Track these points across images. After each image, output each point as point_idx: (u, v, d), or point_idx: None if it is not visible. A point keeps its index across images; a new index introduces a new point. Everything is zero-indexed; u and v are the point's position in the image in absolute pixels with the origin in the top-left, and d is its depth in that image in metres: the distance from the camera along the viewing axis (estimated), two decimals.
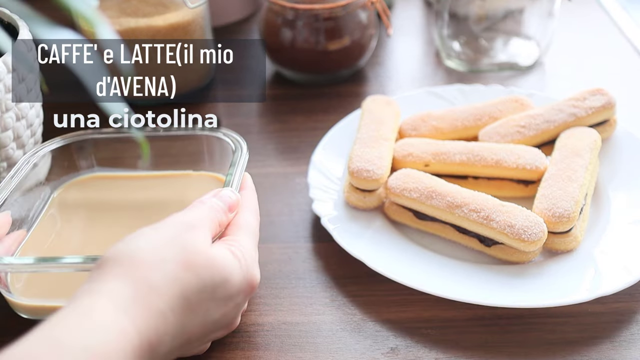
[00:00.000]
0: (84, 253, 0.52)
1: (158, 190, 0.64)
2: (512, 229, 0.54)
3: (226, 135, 0.61)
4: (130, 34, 0.73)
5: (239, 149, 0.59)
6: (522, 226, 0.54)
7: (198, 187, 0.63)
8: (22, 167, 0.58)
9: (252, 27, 0.96)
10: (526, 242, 0.53)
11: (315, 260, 0.59)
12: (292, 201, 0.65)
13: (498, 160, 0.61)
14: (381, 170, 0.60)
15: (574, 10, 0.96)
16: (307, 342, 0.52)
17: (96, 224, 0.60)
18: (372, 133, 0.63)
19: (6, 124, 0.60)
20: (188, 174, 0.65)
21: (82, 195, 0.63)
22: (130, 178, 0.65)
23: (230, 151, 0.61)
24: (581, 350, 0.50)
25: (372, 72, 0.86)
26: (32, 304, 0.51)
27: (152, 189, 0.64)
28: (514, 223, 0.54)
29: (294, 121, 0.73)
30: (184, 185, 0.64)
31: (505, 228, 0.54)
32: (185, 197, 0.62)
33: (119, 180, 0.64)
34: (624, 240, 0.56)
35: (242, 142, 0.60)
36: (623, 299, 0.54)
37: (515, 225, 0.54)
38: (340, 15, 0.77)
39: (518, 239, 0.53)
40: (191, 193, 0.62)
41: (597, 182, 0.63)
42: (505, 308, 0.53)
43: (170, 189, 0.64)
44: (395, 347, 0.51)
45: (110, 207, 0.62)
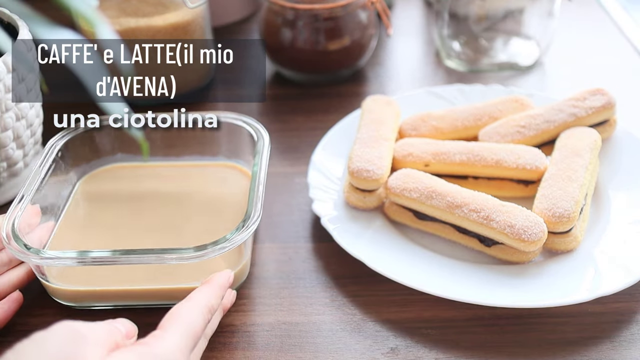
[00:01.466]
0: (113, 243, 0.55)
1: (180, 180, 0.65)
2: (512, 229, 0.54)
3: (247, 124, 0.62)
4: (130, 34, 0.73)
5: (260, 138, 0.60)
6: (522, 226, 0.54)
7: (219, 177, 0.64)
8: (48, 155, 0.59)
9: (252, 27, 0.96)
10: (526, 242, 0.53)
11: (315, 260, 0.59)
12: (292, 201, 0.65)
13: (498, 160, 0.61)
14: (381, 170, 0.60)
15: (574, 10, 0.96)
16: (307, 342, 0.52)
17: (122, 213, 0.61)
18: (372, 133, 0.63)
19: (6, 124, 0.60)
20: (209, 164, 0.66)
21: (107, 184, 0.64)
22: (152, 167, 0.66)
23: (246, 139, 0.62)
24: (581, 350, 0.50)
25: (372, 72, 0.86)
26: (70, 289, 0.52)
27: (174, 178, 0.65)
28: (514, 223, 0.54)
29: (294, 121, 0.73)
30: (205, 174, 0.65)
31: (505, 228, 0.54)
32: (207, 186, 0.64)
33: (142, 169, 0.66)
34: (624, 240, 0.56)
35: (264, 130, 0.60)
36: (623, 299, 0.54)
37: (516, 225, 0.54)
38: (340, 15, 0.77)
39: (518, 239, 0.53)
40: (212, 183, 0.64)
41: (597, 182, 0.63)
42: (505, 308, 0.53)
43: (191, 178, 0.65)
44: (395, 347, 0.51)
45: (133, 197, 0.63)
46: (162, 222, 0.60)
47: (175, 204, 0.62)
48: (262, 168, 0.56)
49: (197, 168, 0.66)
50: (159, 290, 0.53)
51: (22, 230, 0.52)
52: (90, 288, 0.52)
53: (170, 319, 0.42)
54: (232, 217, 0.59)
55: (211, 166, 0.66)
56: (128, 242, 0.54)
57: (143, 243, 0.55)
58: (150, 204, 0.62)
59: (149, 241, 0.57)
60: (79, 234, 0.58)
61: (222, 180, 0.64)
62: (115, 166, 0.65)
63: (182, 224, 0.59)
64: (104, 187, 0.63)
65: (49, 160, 0.59)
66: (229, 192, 0.63)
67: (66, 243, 0.57)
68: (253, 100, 0.80)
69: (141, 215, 0.60)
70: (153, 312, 0.52)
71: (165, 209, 0.61)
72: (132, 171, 0.65)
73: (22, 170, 0.66)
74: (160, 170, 0.66)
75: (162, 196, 0.63)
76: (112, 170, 0.65)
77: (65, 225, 0.59)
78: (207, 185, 0.64)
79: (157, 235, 0.58)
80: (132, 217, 0.60)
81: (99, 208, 0.61)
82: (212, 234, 0.52)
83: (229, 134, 0.64)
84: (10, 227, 0.51)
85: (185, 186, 0.64)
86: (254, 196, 0.53)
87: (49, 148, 0.60)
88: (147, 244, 0.55)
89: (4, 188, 0.65)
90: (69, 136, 0.62)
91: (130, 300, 0.53)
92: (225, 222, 0.59)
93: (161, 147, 0.66)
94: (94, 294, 0.53)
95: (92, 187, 0.63)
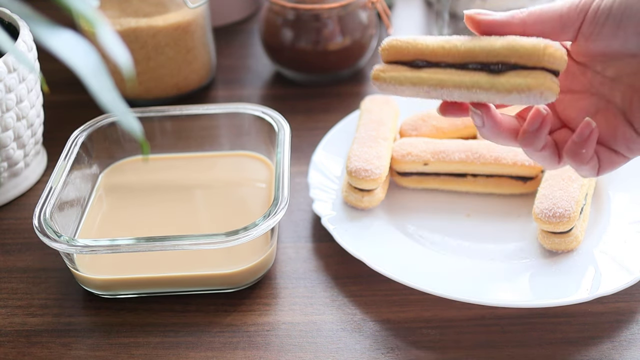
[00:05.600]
0: (140, 233, 0.57)
1: (201, 170, 0.66)
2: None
3: (267, 115, 0.63)
4: (130, 34, 0.73)
5: (281, 128, 0.61)
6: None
7: (240, 167, 0.66)
8: (72, 148, 0.60)
9: (252, 27, 0.96)
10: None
11: (315, 260, 0.59)
12: (292, 201, 0.65)
13: (496, 157, 0.61)
14: (379, 170, 0.60)
15: None
16: (307, 342, 0.52)
17: (146, 204, 0.62)
18: (371, 132, 0.63)
19: (7, 124, 0.61)
20: (229, 154, 0.67)
21: (129, 176, 0.66)
22: (172, 159, 0.67)
23: (266, 129, 0.63)
24: (581, 350, 0.50)
25: None
26: (99, 277, 0.54)
27: (195, 169, 0.66)
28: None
29: (294, 121, 0.73)
30: (226, 164, 0.67)
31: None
32: (228, 176, 0.66)
33: (162, 162, 0.67)
34: (624, 240, 0.56)
35: (284, 121, 0.61)
36: (623, 299, 0.54)
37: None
38: (340, 15, 0.77)
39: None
40: (233, 173, 0.66)
41: (597, 182, 0.63)
42: (505, 308, 0.53)
43: (212, 168, 0.67)
44: (395, 347, 0.51)
45: (156, 188, 0.64)
46: (185, 212, 0.61)
47: (197, 194, 0.64)
48: (285, 156, 0.57)
49: (217, 158, 0.67)
50: (186, 277, 0.54)
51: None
52: (119, 276, 0.54)
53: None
54: (254, 205, 0.61)
55: (232, 156, 0.67)
56: (154, 232, 0.55)
57: (168, 232, 0.56)
58: (172, 194, 0.63)
59: (174, 230, 0.58)
60: (106, 225, 0.60)
61: (243, 169, 0.66)
62: (136, 158, 0.67)
63: (205, 213, 0.61)
64: (127, 179, 0.65)
65: (73, 152, 0.60)
66: (251, 182, 0.65)
67: (95, 234, 0.59)
68: (253, 101, 0.80)
69: (164, 206, 0.62)
70: (179, 300, 0.55)
71: (187, 198, 0.63)
72: (153, 163, 0.67)
73: (23, 170, 0.66)
74: (180, 162, 0.67)
75: (183, 187, 0.64)
76: (134, 162, 0.67)
77: (92, 216, 0.60)
78: (228, 175, 0.66)
79: (181, 225, 0.59)
80: (155, 207, 0.62)
81: (123, 199, 0.63)
82: (237, 222, 0.54)
83: (249, 124, 0.65)
84: (43, 217, 0.52)
85: (206, 176, 0.66)
86: (280, 183, 0.54)
87: (72, 141, 0.61)
88: (173, 232, 0.56)
89: (4, 188, 0.65)
90: (91, 129, 0.63)
91: (158, 288, 0.55)
92: (248, 211, 0.61)
93: (181, 139, 0.67)
94: (123, 282, 0.54)
95: (116, 179, 0.65)
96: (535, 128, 0.42)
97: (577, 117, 0.44)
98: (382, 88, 0.45)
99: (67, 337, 0.53)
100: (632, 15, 0.39)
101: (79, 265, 0.54)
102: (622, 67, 0.42)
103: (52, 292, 0.56)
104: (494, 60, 0.41)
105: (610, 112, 0.43)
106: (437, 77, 0.42)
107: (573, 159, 0.42)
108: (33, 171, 0.68)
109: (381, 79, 0.44)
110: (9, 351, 0.51)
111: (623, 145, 0.42)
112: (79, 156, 0.61)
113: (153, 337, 0.52)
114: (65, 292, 0.56)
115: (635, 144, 0.42)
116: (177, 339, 0.52)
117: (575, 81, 0.44)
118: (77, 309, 0.55)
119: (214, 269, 0.54)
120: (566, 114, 0.45)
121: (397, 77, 0.44)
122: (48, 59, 0.55)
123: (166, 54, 0.75)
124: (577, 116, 0.44)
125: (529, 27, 0.41)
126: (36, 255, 0.60)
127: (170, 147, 0.67)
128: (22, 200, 0.66)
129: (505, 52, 0.40)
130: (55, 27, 0.36)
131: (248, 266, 0.54)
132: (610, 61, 0.42)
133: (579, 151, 0.42)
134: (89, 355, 0.51)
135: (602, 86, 0.43)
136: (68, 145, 0.61)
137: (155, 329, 0.53)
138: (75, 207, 0.59)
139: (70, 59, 0.34)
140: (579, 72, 0.44)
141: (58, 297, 0.56)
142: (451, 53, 0.42)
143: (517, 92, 0.40)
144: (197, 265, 0.55)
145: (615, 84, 0.43)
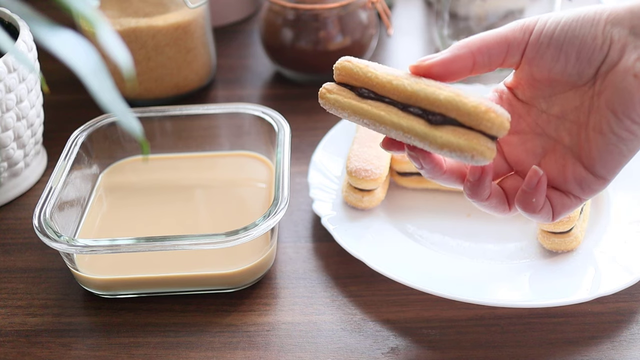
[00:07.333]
0: (140, 233, 0.57)
1: (200, 170, 0.66)
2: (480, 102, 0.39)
3: (267, 114, 0.63)
4: (130, 34, 0.73)
5: (281, 128, 0.61)
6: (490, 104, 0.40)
7: (240, 167, 0.66)
8: (72, 148, 0.60)
9: (252, 27, 0.96)
10: (497, 114, 0.39)
11: (315, 260, 0.59)
12: (292, 201, 0.65)
13: None
14: (379, 170, 0.60)
15: None
16: (307, 342, 0.52)
17: (145, 203, 0.63)
18: (371, 132, 0.63)
19: (7, 124, 0.61)
20: (228, 154, 0.67)
21: (129, 176, 0.66)
22: (172, 159, 0.67)
23: (266, 129, 0.63)
24: (581, 350, 0.50)
25: None
26: (99, 277, 0.54)
27: (194, 169, 0.66)
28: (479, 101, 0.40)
29: (294, 121, 0.73)
30: (225, 165, 0.67)
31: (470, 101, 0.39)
32: (227, 176, 0.66)
33: (162, 161, 0.67)
34: (624, 240, 0.56)
35: (284, 121, 0.61)
36: (623, 299, 0.54)
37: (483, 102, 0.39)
38: (340, 15, 0.77)
39: (488, 110, 0.39)
40: (233, 173, 0.66)
41: None
42: (505, 308, 0.53)
43: (211, 168, 0.67)
44: (395, 347, 0.51)
45: (156, 188, 0.64)
46: (185, 212, 0.61)
47: (197, 194, 0.64)
48: (285, 156, 0.57)
49: (217, 158, 0.67)
50: (186, 277, 0.54)
51: None
52: (119, 276, 0.54)
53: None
54: (254, 205, 0.62)
55: (232, 156, 0.67)
56: (154, 232, 0.55)
57: (169, 232, 0.56)
58: (172, 194, 0.63)
59: (174, 230, 0.58)
60: (106, 225, 0.60)
61: (243, 169, 0.66)
62: (136, 158, 0.67)
63: (205, 213, 0.62)
64: (127, 179, 0.65)
65: (73, 152, 0.60)
66: (251, 182, 0.65)
67: (95, 234, 0.59)
68: (253, 101, 0.80)
69: (164, 206, 0.62)
70: (179, 300, 0.55)
71: (187, 198, 0.63)
72: (153, 163, 0.67)
73: (23, 170, 0.66)
74: (180, 162, 0.67)
75: (183, 187, 0.64)
76: (134, 162, 0.67)
77: (92, 216, 0.61)
78: (228, 175, 0.66)
79: (181, 225, 0.60)
80: (155, 207, 0.62)
81: (123, 199, 0.63)
82: (237, 222, 0.54)
83: (249, 124, 0.65)
84: (43, 217, 0.53)
85: (206, 176, 0.66)
86: (280, 183, 0.54)
87: (72, 141, 0.61)
88: (173, 233, 0.57)
89: (4, 188, 0.65)
90: (91, 129, 0.63)
91: (158, 288, 0.55)
92: (248, 211, 0.61)
93: (181, 139, 0.67)
94: (123, 282, 0.54)
95: (116, 179, 0.65)
96: (476, 178, 0.41)
97: (526, 160, 0.44)
98: (326, 108, 0.44)
99: (67, 337, 0.53)
100: (574, 38, 0.39)
101: (79, 265, 0.54)
102: (565, 103, 0.41)
103: (52, 292, 0.56)
104: (435, 110, 0.40)
105: (558, 152, 0.42)
106: (377, 112, 0.41)
107: (524, 208, 0.42)
108: (33, 171, 0.68)
109: (325, 99, 0.44)
110: (9, 351, 0.51)
111: (575, 185, 0.41)
112: (79, 156, 0.61)
113: (153, 337, 0.52)
114: (65, 292, 0.56)
115: (586, 182, 0.41)
116: (177, 339, 0.52)
117: (521, 121, 0.44)
118: (77, 309, 0.55)
119: (214, 269, 0.54)
120: (514, 155, 0.44)
121: (341, 103, 0.43)
122: (48, 59, 0.55)
123: (166, 54, 0.75)
124: (525, 158, 0.44)
125: (477, 55, 0.41)
126: (36, 255, 0.60)
127: (170, 147, 0.67)
128: (22, 200, 0.66)
129: (447, 105, 0.39)
130: (55, 27, 0.36)
131: (248, 266, 0.54)
132: (554, 95, 0.42)
133: (530, 200, 0.41)
134: (89, 355, 0.51)
135: (548, 125, 0.43)
136: (68, 145, 0.61)
137: (155, 329, 0.53)
138: (75, 207, 0.59)
139: (70, 58, 0.34)
140: (524, 111, 0.44)
141: (58, 297, 0.56)
142: (397, 91, 0.41)
143: (449, 150, 0.39)
144: (197, 265, 0.55)
145: (561, 122, 0.42)
